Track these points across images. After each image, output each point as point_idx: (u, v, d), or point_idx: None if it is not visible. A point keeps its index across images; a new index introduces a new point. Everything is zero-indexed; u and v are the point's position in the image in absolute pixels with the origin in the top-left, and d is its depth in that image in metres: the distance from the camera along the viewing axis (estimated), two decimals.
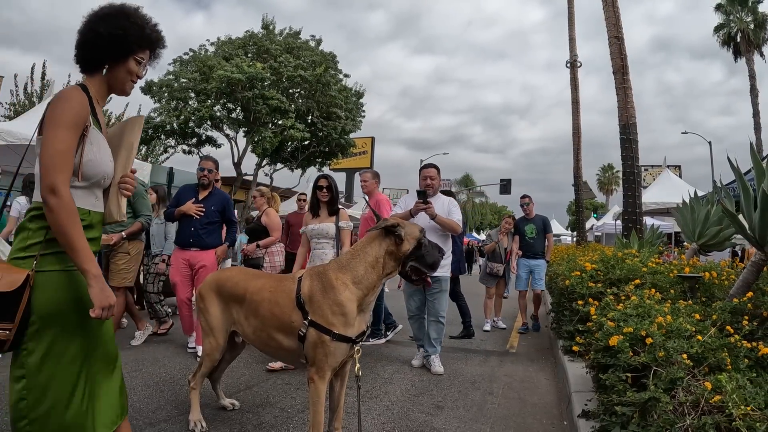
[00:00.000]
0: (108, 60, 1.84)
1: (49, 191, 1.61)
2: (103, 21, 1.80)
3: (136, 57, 1.86)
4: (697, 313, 3.27)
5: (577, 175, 16.95)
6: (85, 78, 1.87)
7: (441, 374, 4.66)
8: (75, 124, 1.69)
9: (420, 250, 2.55)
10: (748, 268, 3.81)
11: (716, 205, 6.05)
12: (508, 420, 3.55)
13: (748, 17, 28.58)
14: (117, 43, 1.80)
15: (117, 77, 1.87)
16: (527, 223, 7.51)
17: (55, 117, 1.66)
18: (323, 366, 2.38)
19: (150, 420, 3.19)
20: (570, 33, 17.35)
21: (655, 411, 2.23)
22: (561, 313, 5.54)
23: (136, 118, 2.03)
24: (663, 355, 2.49)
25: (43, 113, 1.71)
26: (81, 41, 1.82)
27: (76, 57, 1.86)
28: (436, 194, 5.00)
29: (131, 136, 1.96)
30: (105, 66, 1.85)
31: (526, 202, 7.62)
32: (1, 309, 1.59)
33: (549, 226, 7.62)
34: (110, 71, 1.86)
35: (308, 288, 2.46)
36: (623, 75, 9.09)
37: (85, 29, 1.82)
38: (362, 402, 3.74)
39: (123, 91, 1.92)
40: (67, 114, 1.67)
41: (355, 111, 20.18)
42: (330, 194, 4.53)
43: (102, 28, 1.78)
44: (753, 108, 27.39)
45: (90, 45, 1.80)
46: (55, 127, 1.65)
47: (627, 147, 8.90)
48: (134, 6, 1.88)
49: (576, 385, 3.74)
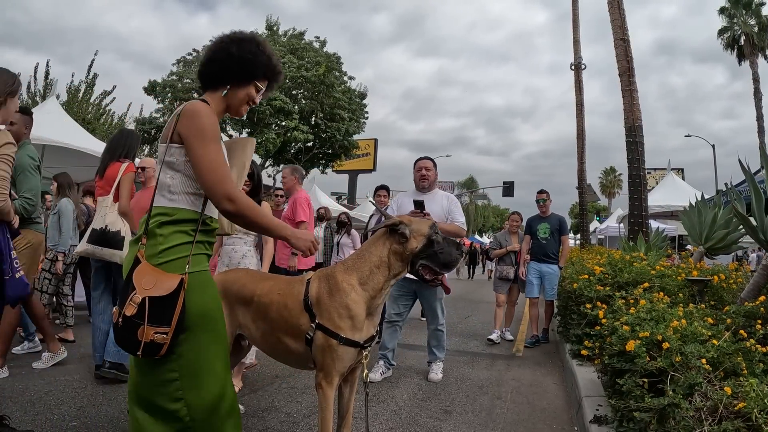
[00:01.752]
0: (232, 81, 1.93)
1: (226, 200, 1.75)
2: (237, 44, 1.92)
3: (257, 83, 1.97)
4: (709, 317, 3.21)
5: (581, 178, 16.87)
6: (206, 94, 1.97)
7: (437, 381, 4.48)
8: (218, 138, 1.82)
9: (432, 247, 2.42)
10: (760, 271, 3.76)
11: (723, 208, 6.00)
12: (518, 425, 3.49)
13: (752, 20, 28.51)
14: (245, 66, 1.92)
15: (236, 98, 1.96)
16: (541, 222, 6.64)
17: (204, 131, 1.77)
18: (331, 371, 2.32)
19: None
20: (574, 35, 17.30)
21: (673, 417, 2.18)
22: (568, 316, 5.48)
23: (248, 140, 2.16)
24: (680, 359, 2.44)
25: (173, 125, 1.80)
26: (210, 58, 1.95)
27: (201, 73, 1.98)
28: (432, 188, 4.71)
29: (244, 156, 2.10)
30: (227, 86, 1.93)
31: (543, 198, 6.71)
32: (159, 313, 1.67)
33: (565, 227, 6.72)
34: (231, 92, 1.95)
35: (316, 290, 2.40)
36: (629, 77, 9.03)
37: (217, 48, 1.94)
38: (370, 406, 3.69)
39: (238, 113, 2.02)
40: (213, 128, 1.80)
41: (358, 112, 20.18)
42: (251, 183, 3.93)
43: (234, 50, 1.91)
44: (756, 111, 27.28)
45: (219, 63, 1.92)
46: (208, 142, 1.77)
47: (633, 150, 8.83)
48: (263, 39, 2.05)
49: (586, 390, 3.68)
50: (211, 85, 1.96)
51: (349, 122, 19.39)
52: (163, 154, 1.84)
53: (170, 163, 1.82)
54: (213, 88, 1.96)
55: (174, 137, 1.80)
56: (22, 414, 3.15)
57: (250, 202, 1.83)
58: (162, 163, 1.84)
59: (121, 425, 3.11)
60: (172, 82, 18.11)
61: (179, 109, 1.84)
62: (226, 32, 2.00)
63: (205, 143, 1.76)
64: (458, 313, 9.23)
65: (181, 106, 1.83)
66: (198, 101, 1.87)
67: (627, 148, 8.96)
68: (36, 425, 2.99)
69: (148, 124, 18.34)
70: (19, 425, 2.93)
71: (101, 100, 18.03)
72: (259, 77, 1.97)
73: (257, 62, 1.94)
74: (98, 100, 17.97)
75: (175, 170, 1.82)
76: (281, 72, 2.09)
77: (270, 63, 1.98)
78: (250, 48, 1.93)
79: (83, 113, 16.48)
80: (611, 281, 4.86)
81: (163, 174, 1.82)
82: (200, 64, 2.01)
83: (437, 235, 2.46)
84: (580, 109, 16.82)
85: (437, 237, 2.45)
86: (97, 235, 3.94)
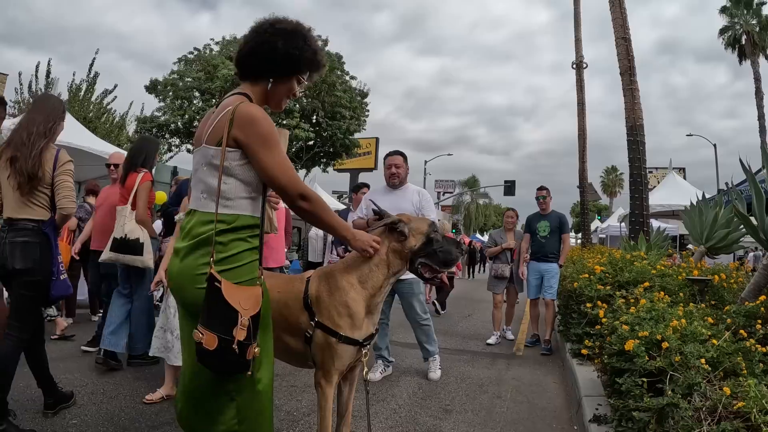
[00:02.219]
0: (274, 75, 1.89)
1: (301, 199, 1.81)
2: (282, 37, 1.84)
3: (300, 77, 1.93)
4: (709, 317, 3.21)
5: (582, 177, 16.86)
6: (244, 86, 1.91)
7: (436, 380, 4.48)
8: (279, 139, 1.81)
9: (431, 245, 2.42)
10: (760, 271, 3.76)
11: (724, 208, 5.99)
12: (517, 424, 3.50)
13: (753, 20, 28.44)
14: (290, 61, 1.87)
15: (278, 92, 1.92)
16: (541, 220, 6.41)
17: (267, 137, 1.75)
18: (330, 369, 2.32)
19: (153, 423, 3.15)
20: (576, 34, 17.27)
21: (672, 417, 2.19)
22: (569, 315, 5.48)
23: (282, 131, 2.04)
24: (679, 359, 2.44)
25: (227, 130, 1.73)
26: (252, 50, 1.87)
27: (240, 63, 1.91)
28: (403, 184, 4.53)
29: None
30: (269, 79, 1.89)
31: (543, 195, 6.48)
32: (255, 329, 1.73)
33: (566, 225, 6.45)
34: (273, 86, 1.91)
35: (315, 289, 2.40)
36: (630, 76, 9.01)
37: (261, 40, 1.86)
38: (369, 405, 3.69)
39: (278, 106, 1.98)
40: (274, 131, 1.78)
41: (359, 111, 20.17)
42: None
43: (280, 44, 1.83)
44: (758, 111, 27.21)
45: (262, 57, 1.85)
46: (273, 145, 1.77)
47: (634, 149, 8.82)
48: (308, 26, 1.95)
49: (586, 389, 3.69)
50: (250, 76, 1.90)
51: (350, 121, 19.40)
52: (209, 158, 1.78)
53: (223, 168, 1.75)
54: (253, 79, 1.90)
55: (229, 142, 1.74)
56: (23, 411, 3.16)
57: (321, 200, 1.88)
58: (207, 166, 1.78)
59: (121, 423, 3.12)
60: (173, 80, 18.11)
61: (228, 112, 1.76)
62: (269, 19, 1.91)
63: (271, 148, 1.75)
64: (459, 312, 9.24)
65: (231, 109, 1.75)
66: (248, 103, 1.80)
67: (628, 147, 8.94)
68: (36, 423, 3.00)
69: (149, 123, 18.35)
70: (19, 423, 2.94)
71: (102, 99, 18.05)
72: (302, 71, 1.93)
73: (303, 58, 1.88)
74: (99, 99, 17.98)
75: (228, 175, 1.76)
76: (325, 65, 2.05)
77: (315, 58, 1.94)
78: (297, 43, 1.86)
79: (84, 112, 16.46)
80: (612, 280, 4.86)
81: (212, 178, 1.77)
82: (239, 52, 1.92)
83: (436, 233, 2.46)
84: (582, 108, 16.81)
85: (436, 235, 2.45)
86: (118, 243, 4.22)
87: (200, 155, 1.83)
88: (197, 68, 17.99)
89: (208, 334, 1.63)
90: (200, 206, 1.80)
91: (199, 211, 1.80)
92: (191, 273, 1.73)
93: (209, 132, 1.79)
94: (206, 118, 1.91)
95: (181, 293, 1.80)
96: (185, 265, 1.75)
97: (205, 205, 1.79)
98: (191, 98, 18.15)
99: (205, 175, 1.79)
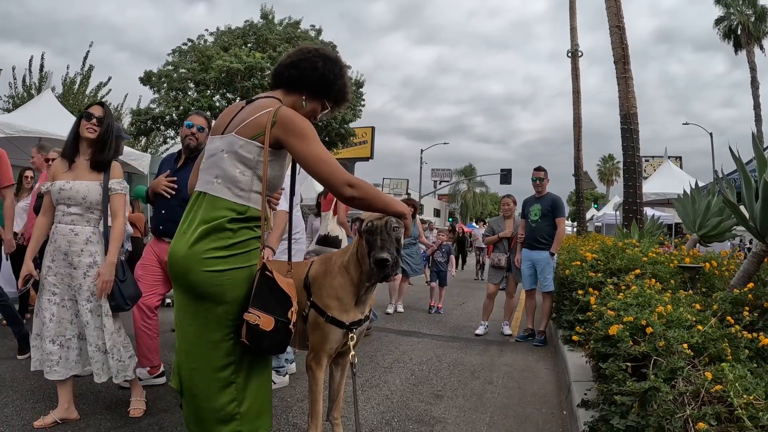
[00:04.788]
0: (306, 91, 2.04)
1: (347, 187, 1.86)
2: (324, 60, 2.04)
3: (326, 103, 2.10)
4: (697, 304, 3.26)
5: (577, 165, 16.92)
6: (276, 92, 2.04)
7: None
8: (317, 134, 1.91)
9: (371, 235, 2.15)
10: (749, 259, 3.80)
11: (717, 196, 6.03)
12: (507, 409, 3.56)
13: (748, 10, 28.38)
14: (324, 83, 2.04)
15: (304, 109, 2.05)
16: (534, 203, 5.95)
17: (306, 132, 1.87)
18: (319, 351, 2.38)
19: (149, 410, 3.19)
20: (571, 22, 17.24)
21: (655, 401, 2.23)
22: (561, 302, 5.54)
23: None
24: (663, 344, 2.48)
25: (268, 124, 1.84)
26: (294, 63, 2.03)
27: (279, 72, 2.06)
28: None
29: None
30: (303, 94, 2.04)
31: (540, 176, 5.99)
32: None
33: (560, 209, 5.86)
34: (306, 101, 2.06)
35: (314, 270, 2.47)
36: (624, 65, 9.02)
37: (304, 57, 2.04)
38: (362, 391, 3.75)
39: None
40: (311, 127, 1.90)
41: (354, 100, 20.11)
42: (98, 130, 2.88)
43: (320, 65, 2.02)
44: (754, 100, 27.28)
45: (302, 71, 2.01)
46: (312, 139, 1.87)
47: (628, 137, 8.86)
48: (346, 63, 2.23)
49: (576, 375, 3.74)
50: (285, 86, 2.04)
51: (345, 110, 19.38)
52: (235, 147, 1.86)
53: (244, 159, 1.86)
54: (286, 90, 2.04)
55: (271, 141, 1.86)
56: (22, 402, 3.19)
57: (367, 184, 1.94)
58: (230, 154, 1.87)
59: (119, 412, 3.16)
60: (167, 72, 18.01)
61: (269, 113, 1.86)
62: (316, 46, 2.12)
63: (311, 142, 1.85)
64: (453, 300, 9.29)
65: (273, 111, 1.86)
66: (284, 107, 1.91)
67: (622, 135, 8.98)
68: (35, 415, 3.02)
69: (143, 115, 18.28)
70: (18, 415, 2.98)
71: (97, 92, 17.98)
72: (330, 98, 2.08)
73: (335, 84, 2.05)
74: (94, 91, 17.92)
75: (247, 166, 1.87)
76: (349, 101, 2.20)
77: (344, 90, 2.10)
78: (334, 69, 2.05)
79: (79, 105, 16.41)
80: (603, 268, 4.91)
81: (232, 166, 1.87)
82: (279, 63, 2.08)
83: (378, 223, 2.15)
84: (577, 96, 16.84)
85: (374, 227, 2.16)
86: (323, 239, 5.26)
87: (224, 142, 1.91)
88: (191, 59, 17.91)
89: (265, 316, 1.80)
90: (212, 190, 1.88)
91: (210, 194, 1.88)
92: (199, 257, 1.80)
93: (242, 125, 1.88)
94: (233, 110, 2.02)
95: (187, 275, 1.83)
96: (195, 250, 1.81)
97: (218, 190, 1.87)
98: (186, 89, 18.06)
99: (225, 163, 1.87)
